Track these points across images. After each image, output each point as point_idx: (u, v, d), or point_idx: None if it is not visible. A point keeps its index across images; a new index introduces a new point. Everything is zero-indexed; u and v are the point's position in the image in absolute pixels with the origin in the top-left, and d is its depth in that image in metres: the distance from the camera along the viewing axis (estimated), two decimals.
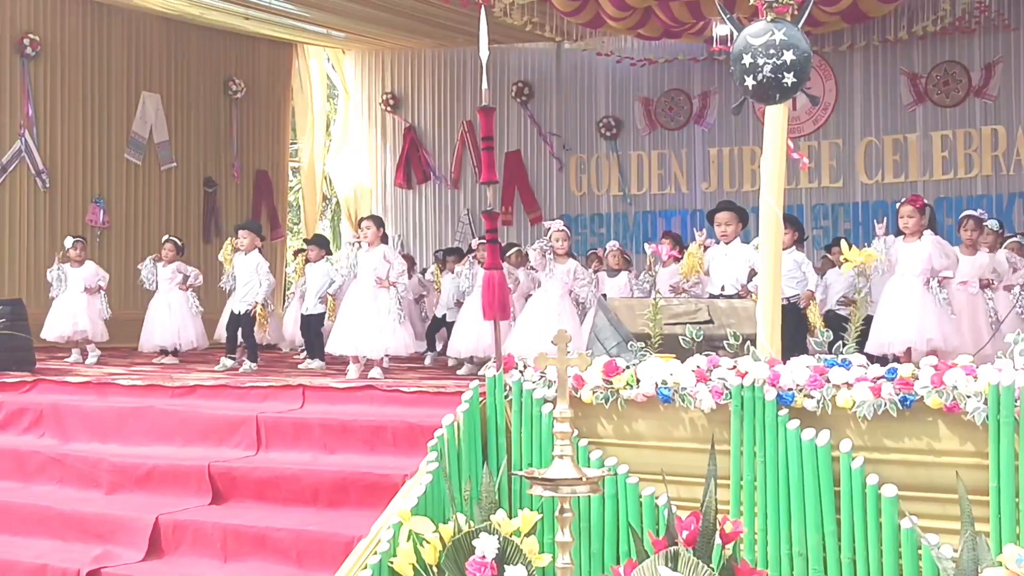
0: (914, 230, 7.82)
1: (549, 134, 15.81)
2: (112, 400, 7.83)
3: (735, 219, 8.19)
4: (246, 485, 6.50)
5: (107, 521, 6.44)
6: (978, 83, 13.53)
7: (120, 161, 14.17)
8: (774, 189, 5.41)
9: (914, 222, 7.82)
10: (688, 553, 4.51)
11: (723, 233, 8.19)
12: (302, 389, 7.39)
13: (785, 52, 5.08)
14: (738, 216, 8.22)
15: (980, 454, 4.68)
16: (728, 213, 8.27)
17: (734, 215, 8.23)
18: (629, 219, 15.37)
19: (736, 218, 8.20)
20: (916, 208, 7.85)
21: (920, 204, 7.93)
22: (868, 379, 4.91)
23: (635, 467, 5.38)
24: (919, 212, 7.86)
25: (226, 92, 15.65)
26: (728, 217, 8.22)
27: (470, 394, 5.80)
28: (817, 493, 4.92)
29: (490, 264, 5.94)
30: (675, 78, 15.14)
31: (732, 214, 8.25)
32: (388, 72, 16.97)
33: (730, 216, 8.22)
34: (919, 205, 7.90)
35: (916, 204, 7.90)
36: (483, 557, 4.94)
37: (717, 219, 8.28)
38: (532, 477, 4.21)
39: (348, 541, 5.58)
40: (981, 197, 13.28)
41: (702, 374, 5.24)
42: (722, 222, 8.21)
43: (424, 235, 16.58)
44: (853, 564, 4.85)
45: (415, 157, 16.66)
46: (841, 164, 14.21)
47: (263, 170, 16.32)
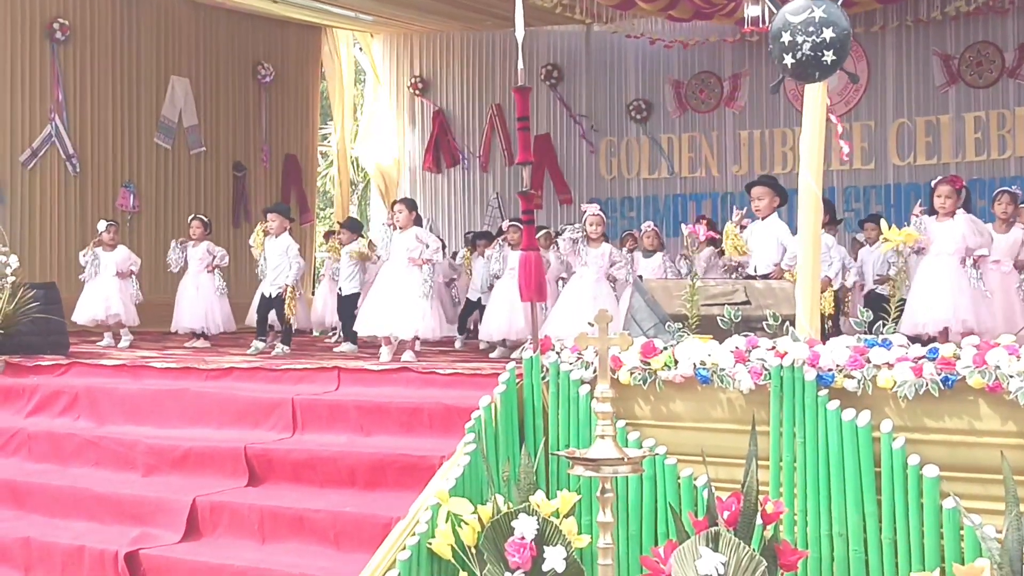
0: (949, 210, 7.76)
1: (579, 115, 15.74)
2: (146, 383, 7.88)
3: (769, 194, 8.09)
4: (282, 467, 6.52)
5: (144, 503, 6.48)
6: (1011, 64, 13.37)
7: (150, 146, 14.21)
8: (813, 168, 5.36)
9: (951, 202, 7.75)
10: (729, 534, 4.49)
11: (756, 208, 8.12)
12: (337, 371, 7.41)
13: (825, 30, 5.03)
14: (773, 191, 8.13)
15: (1022, 434, 4.63)
16: (762, 188, 8.18)
17: (768, 190, 8.13)
18: (660, 202, 15.31)
19: (771, 193, 8.10)
20: (954, 188, 7.79)
21: (959, 185, 7.86)
22: (909, 359, 4.87)
23: (673, 448, 5.37)
24: (956, 193, 7.80)
25: (255, 76, 15.66)
26: (761, 192, 8.12)
27: (507, 375, 5.79)
28: (858, 473, 4.89)
29: (526, 245, 5.94)
30: (706, 60, 15.04)
31: (766, 188, 8.15)
32: (417, 55, 16.95)
33: (763, 191, 8.12)
34: (958, 186, 7.84)
35: (955, 184, 7.83)
36: (522, 538, 4.93)
37: (752, 193, 8.21)
38: (574, 457, 4.20)
39: (386, 522, 5.59)
40: (1015, 179, 13.10)
41: (741, 355, 5.21)
42: (755, 196, 8.13)
43: (453, 219, 16.57)
44: (894, 544, 4.82)
45: (444, 141, 16.64)
46: (873, 146, 14.10)
47: (292, 154, 16.34)
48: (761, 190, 8.12)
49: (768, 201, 8.03)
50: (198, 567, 5.86)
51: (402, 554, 5.11)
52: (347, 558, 5.59)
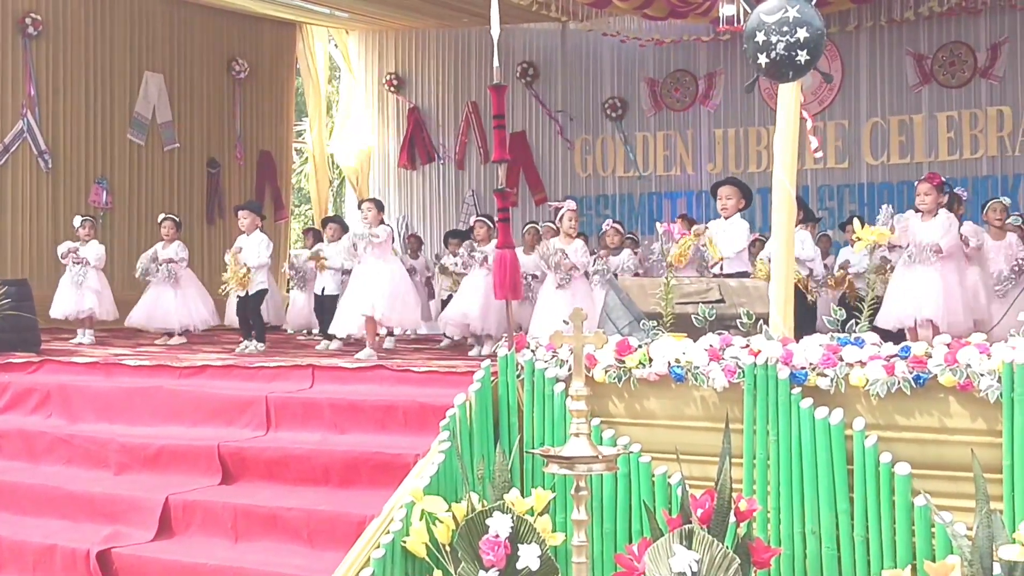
0: (931, 208, 7.82)
1: (555, 111, 15.75)
2: (119, 380, 7.83)
3: (736, 194, 8.15)
4: (256, 465, 6.50)
5: (116, 501, 6.45)
6: (984, 64, 13.47)
7: (123, 142, 14.12)
8: (787, 167, 5.39)
9: (931, 199, 7.82)
10: (703, 531, 4.51)
11: (723, 207, 8.17)
12: (311, 369, 7.39)
13: (799, 30, 5.05)
14: (740, 191, 8.19)
15: (992, 432, 4.68)
16: (730, 188, 8.23)
17: (736, 190, 8.18)
18: (635, 200, 15.35)
19: (738, 193, 8.16)
20: (933, 186, 7.85)
21: (938, 182, 7.93)
22: (881, 357, 4.91)
23: (647, 446, 5.38)
24: (936, 190, 7.86)
25: (229, 72, 15.58)
26: (729, 191, 8.17)
27: (482, 373, 5.79)
28: (830, 471, 4.92)
29: (501, 243, 5.94)
30: (681, 59, 15.08)
31: (734, 188, 8.20)
32: (392, 52, 16.91)
33: (731, 191, 8.17)
34: (936, 183, 7.90)
35: (933, 182, 7.89)
36: (496, 536, 4.94)
37: (719, 192, 8.26)
38: (548, 455, 4.21)
39: (360, 521, 5.59)
40: (987, 178, 13.25)
41: (715, 353, 5.23)
42: (723, 196, 8.18)
43: (428, 216, 16.54)
44: (866, 542, 4.85)
45: (419, 138, 16.61)
46: (847, 145, 14.17)
47: (266, 151, 16.27)
48: (729, 190, 8.16)
49: (735, 201, 8.08)
50: (170, 566, 5.84)
51: (376, 552, 5.11)
52: (321, 556, 5.59)
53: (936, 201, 7.81)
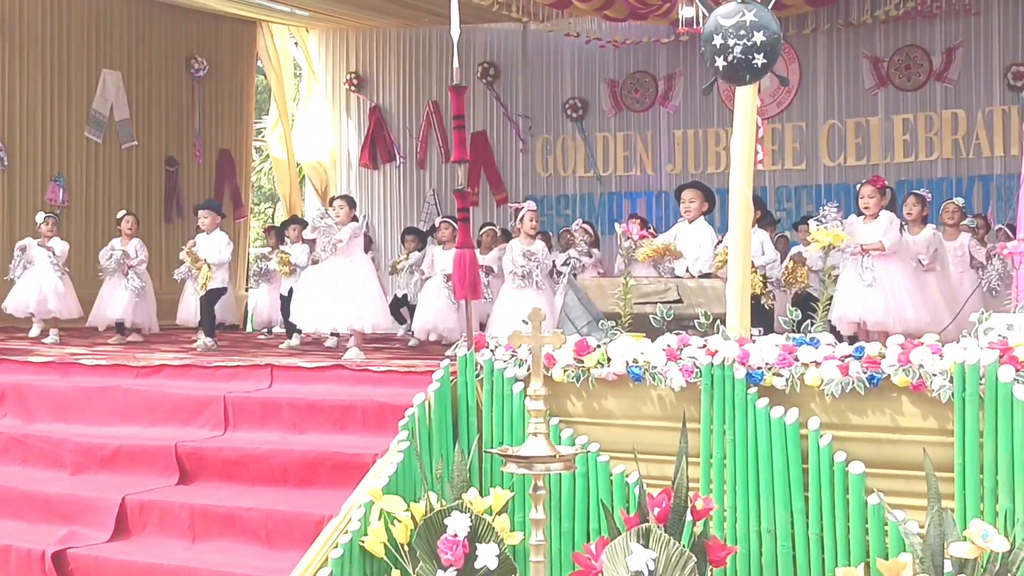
0: (873, 210, 7.91)
1: (515, 115, 15.77)
2: (76, 380, 7.77)
3: (699, 197, 8.21)
4: (214, 465, 6.48)
5: (72, 502, 6.42)
6: (939, 67, 13.62)
7: (80, 139, 13.96)
8: (744, 169, 5.44)
9: (874, 202, 7.91)
10: (659, 530, 4.55)
11: (686, 209, 8.22)
12: (270, 369, 7.37)
13: (755, 33, 5.09)
14: (703, 195, 8.25)
15: (944, 431, 4.74)
16: (693, 191, 8.30)
17: (699, 193, 8.25)
18: (595, 200, 15.40)
19: (701, 196, 8.22)
20: (877, 188, 7.94)
21: (881, 185, 8.02)
22: (836, 357, 4.96)
23: (605, 445, 5.42)
24: (880, 193, 7.95)
25: (188, 70, 15.46)
26: (693, 195, 8.24)
27: (441, 373, 5.80)
28: (786, 470, 4.97)
29: (461, 243, 5.95)
30: (641, 60, 15.13)
31: (697, 192, 8.27)
32: (353, 51, 16.85)
33: (694, 194, 8.24)
34: (880, 186, 7.99)
35: (877, 185, 7.98)
36: (455, 535, 4.95)
37: (683, 196, 8.32)
38: (506, 455, 4.23)
39: (318, 520, 5.59)
40: (941, 180, 13.40)
41: (672, 353, 5.27)
42: (686, 199, 8.24)
43: (390, 215, 16.50)
44: (820, 540, 4.91)
45: (380, 137, 16.56)
46: (804, 146, 14.28)
47: (226, 149, 16.15)
48: (692, 193, 8.23)
49: (698, 204, 8.14)
50: (127, 566, 5.82)
51: (334, 552, 5.11)
52: (279, 556, 5.58)
53: (879, 204, 7.90)
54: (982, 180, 13.37)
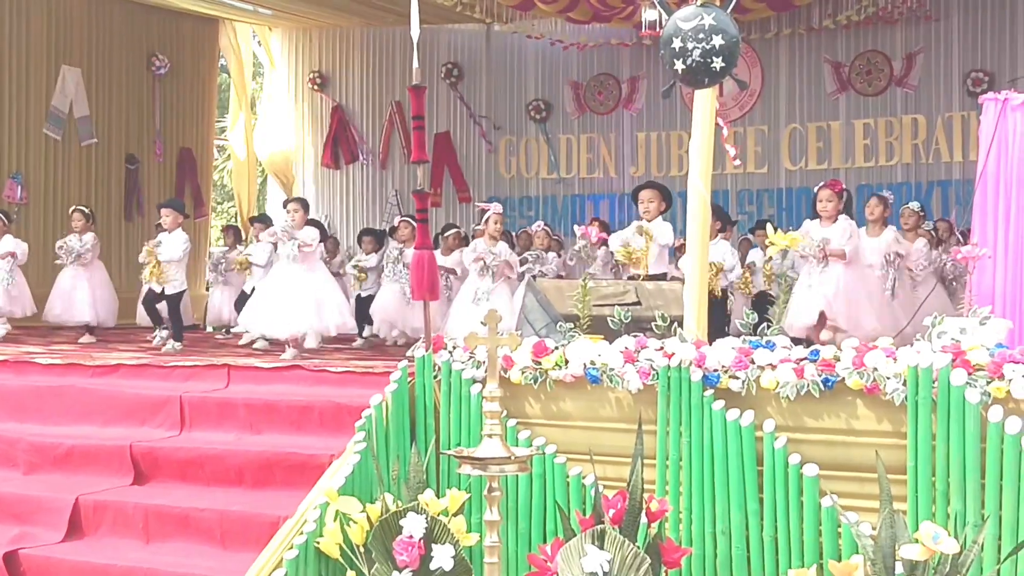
0: (831, 214, 7.94)
1: (479, 116, 15.77)
2: (30, 379, 7.69)
3: (657, 197, 8.22)
4: (169, 465, 6.43)
5: (25, 501, 6.34)
6: (899, 73, 13.76)
7: (39, 136, 13.80)
8: (703, 173, 5.45)
9: (832, 206, 7.94)
10: (614, 531, 4.56)
11: (645, 210, 8.24)
12: (227, 369, 7.33)
13: (714, 37, 5.11)
14: (661, 194, 8.26)
15: (898, 434, 4.78)
16: (651, 191, 8.30)
17: (657, 192, 8.25)
18: (558, 202, 15.42)
19: (659, 196, 8.23)
20: (835, 192, 7.98)
21: (839, 189, 8.06)
22: (791, 360, 4.99)
23: (563, 447, 5.42)
24: (837, 196, 7.99)
25: (149, 68, 15.33)
26: (651, 195, 8.24)
27: (399, 374, 5.79)
28: (741, 472, 4.99)
29: (420, 244, 5.94)
30: (604, 62, 15.18)
31: (655, 191, 8.27)
32: (316, 50, 16.78)
33: (652, 194, 8.24)
34: (838, 189, 8.03)
35: (835, 188, 8.02)
36: (410, 537, 4.94)
37: (640, 196, 8.33)
38: (461, 456, 4.22)
39: (273, 521, 5.56)
40: (901, 184, 13.52)
41: (630, 355, 5.28)
42: (644, 199, 8.25)
43: (352, 215, 16.45)
44: (775, 542, 4.93)
45: (343, 137, 16.51)
46: (766, 150, 14.38)
47: (187, 147, 16.04)
48: (650, 193, 8.23)
49: (657, 204, 8.15)
50: (80, 567, 5.76)
51: (289, 553, 5.09)
52: (234, 557, 5.55)
53: (836, 208, 7.94)
54: (941, 185, 13.52)
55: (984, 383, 4.56)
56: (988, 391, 4.54)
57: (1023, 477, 4.42)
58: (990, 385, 4.55)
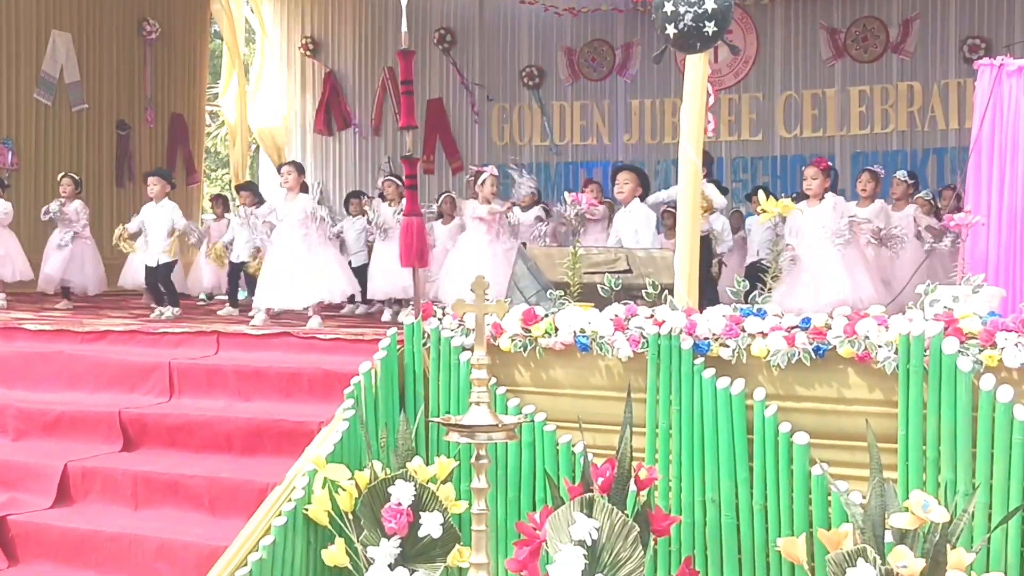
0: (817, 192, 7.90)
1: (472, 83, 15.67)
2: (19, 345, 7.65)
3: (633, 179, 8.20)
4: (158, 432, 6.41)
5: (13, 468, 6.32)
6: (896, 39, 13.68)
7: (29, 101, 13.70)
8: (694, 140, 5.41)
9: (818, 184, 7.89)
10: (603, 500, 4.54)
11: (619, 192, 8.22)
12: (216, 336, 7.29)
13: (706, 1, 5.06)
14: (637, 177, 8.25)
15: (889, 402, 4.75)
16: (627, 173, 8.29)
17: (633, 175, 8.24)
18: (551, 169, 15.35)
19: (635, 179, 8.21)
20: (820, 170, 7.93)
21: (824, 166, 8.00)
22: (782, 328, 4.96)
23: (552, 415, 5.40)
24: (823, 174, 7.94)
25: (140, 33, 15.22)
26: (627, 177, 8.22)
27: (387, 341, 5.76)
28: (731, 441, 4.97)
29: (409, 210, 5.89)
30: (598, 28, 15.08)
31: (631, 174, 8.26)
32: (308, 16, 16.67)
33: (628, 176, 8.23)
34: (823, 167, 7.97)
35: (820, 166, 7.97)
36: (399, 504, 4.94)
37: (616, 179, 8.33)
38: (449, 424, 4.19)
39: (262, 488, 5.54)
40: (896, 152, 13.48)
41: (620, 323, 5.25)
42: (620, 182, 8.23)
43: (344, 182, 16.36)
44: (764, 510, 4.91)
45: (335, 103, 16.42)
46: (761, 118, 14.31)
47: (178, 114, 15.95)
48: (627, 175, 8.21)
49: (632, 187, 8.11)
50: (69, 533, 5.74)
51: (278, 520, 5.07)
52: (222, 524, 5.53)
53: (822, 186, 7.89)
54: (936, 152, 13.47)
55: (976, 351, 4.53)
56: (980, 359, 4.51)
57: (1014, 446, 4.40)
58: (982, 353, 4.52)
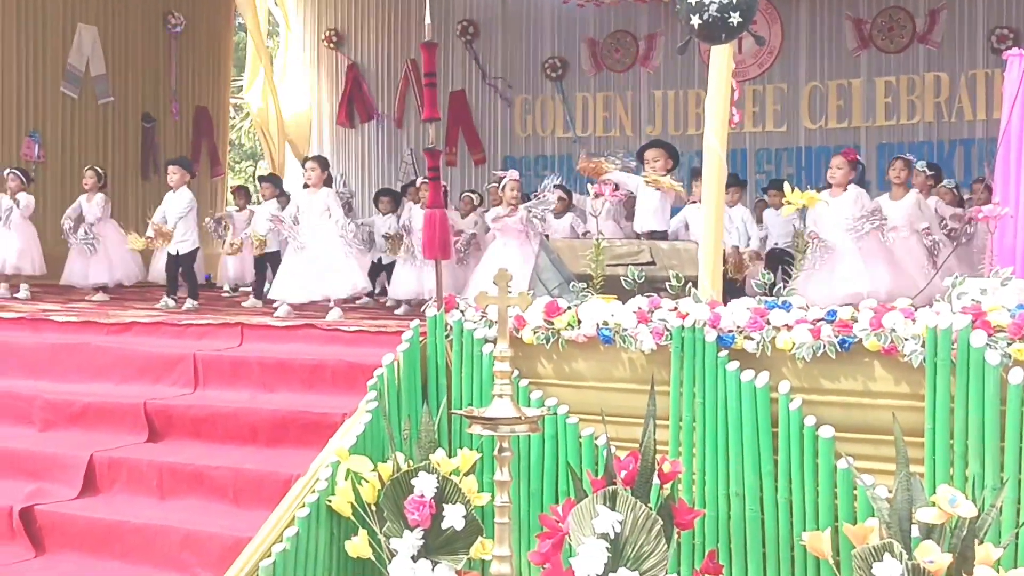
0: (840, 182, 7.84)
1: (493, 78, 15.65)
2: (46, 336, 7.70)
3: (663, 155, 8.08)
4: (183, 423, 6.44)
5: (40, 458, 6.37)
6: (922, 29, 13.57)
7: (56, 94, 13.80)
8: (717, 131, 5.38)
9: (841, 174, 7.83)
10: (626, 492, 4.52)
11: (651, 169, 8.12)
12: (240, 327, 7.33)
13: None
14: (667, 153, 8.14)
15: (915, 396, 4.72)
16: (657, 150, 8.15)
17: (662, 151, 8.11)
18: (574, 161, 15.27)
19: (665, 155, 8.09)
20: (846, 160, 7.87)
21: (852, 157, 7.94)
22: (807, 321, 4.92)
23: (575, 407, 5.39)
24: (849, 165, 7.87)
25: (165, 26, 15.29)
26: (656, 153, 8.07)
27: (410, 333, 5.76)
28: (755, 434, 4.95)
29: (432, 202, 5.89)
30: (621, 19, 15.02)
31: (660, 150, 8.13)
32: (331, 8, 16.68)
33: (658, 152, 8.08)
34: (851, 158, 7.91)
35: (848, 157, 7.90)
36: (422, 496, 4.94)
37: (646, 156, 8.19)
38: (472, 416, 4.19)
39: (286, 479, 5.56)
40: (923, 143, 13.36)
41: (643, 315, 5.23)
42: (650, 158, 8.11)
43: (367, 174, 16.39)
44: (789, 504, 4.89)
45: (358, 95, 16.44)
46: (785, 109, 14.22)
47: (203, 106, 16.02)
48: (656, 152, 8.10)
49: (663, 163, 8.03)
50: (94, 523, 5.79)
51: (301, 511, 5.08)
52: (246, 515, 5.55)
53: (846, 176, 7.82)
54: (963, 144, 13.35)
55: (1005, 344, 4.48)
56: (1008, 352, 4.47)
57: None
58: (1011, 346, 4.47)
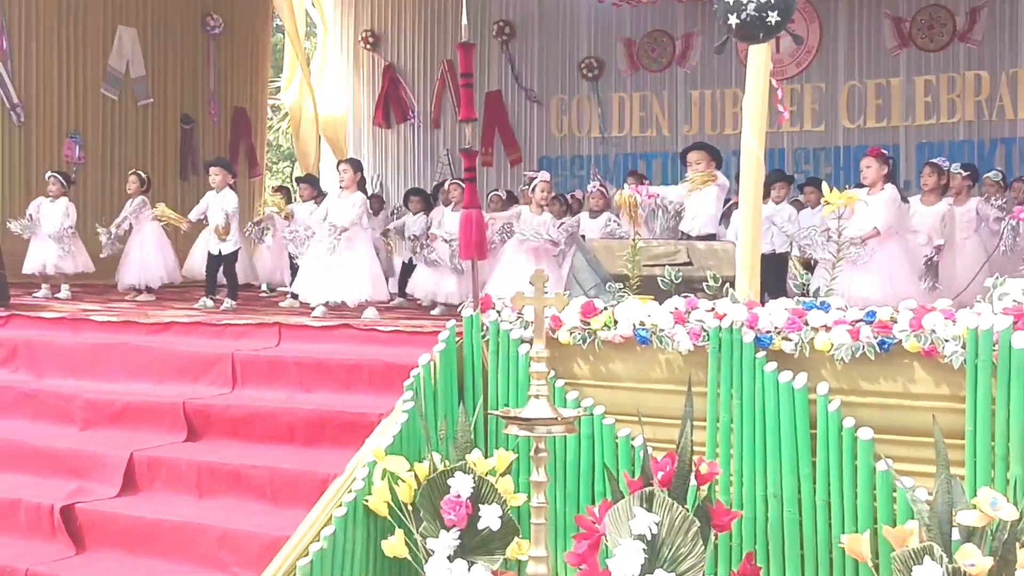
0: (874, 180, 7.78)
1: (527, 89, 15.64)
2: (86, 336, 7.78)
3: (705, 158, 8.08)
4: (221, 422, 6.49)
5: (81, 457, 6.45)
6: (962, 27, 13.44)
7: (96, 96, 13.96)
8: (756, 130, 5.35)
9: (872, 172, 7.78)
10: (663, 494, 4.50)
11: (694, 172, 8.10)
12: (278, 327, 7.37)
13: None
14: (709, 155, 8.12)
15: (956, 397, 4.67)
16: (699, 152, 8.16)
17: (704, 154, 8.11)
18: (610, 161, 15.29)
19: (707, 157, 8.08)
20: (874, 158, 7.81)
21: (876, 153, 7.88)
22: (846, 322, 4.89)
23: (611, 408, 5.36)
24: (878, 161, 7.81)
25: (203, 27, 15.42)
26: (699, 156, 8.09)
27: (447, 334, 5.76)
28: (793, 435, 4.91)
29: (468, 203, 5.90)
30: (658, 19, 14.97)
31: (702, 153, 8.13)
32: (368, 9, 16.75)
33: (700, 155, 8.09)
34: (876, 154, 7.85)
35: (873, 154, 7.85)
36: (458, 496, 4.94)
37: (688, 158, 8.20)
38: (508, 416, 4.19)
39: (323, 479, 5.58)
40: (963, 143, 13.25)
41: (680, 316, 5.20)
42: (692, 161, 8.12)
43: (404, 175, 16.46)
44: (828, 506, 4.85)
45: (394, 96, 16.50)
46: (823, 108, 14.13)
47: (241, 107, 16.14)
48: (698, 154, 8.09)
49: (705, 165, 8.01)
50: (134, 521, 5.85)
51: (338, 511, 5.10)
52: (284, 514, 5.58)
53: (879, 172, 7.76)
54: (1004, 143, 13.21)
55: None
56: None
57: None
58: None
